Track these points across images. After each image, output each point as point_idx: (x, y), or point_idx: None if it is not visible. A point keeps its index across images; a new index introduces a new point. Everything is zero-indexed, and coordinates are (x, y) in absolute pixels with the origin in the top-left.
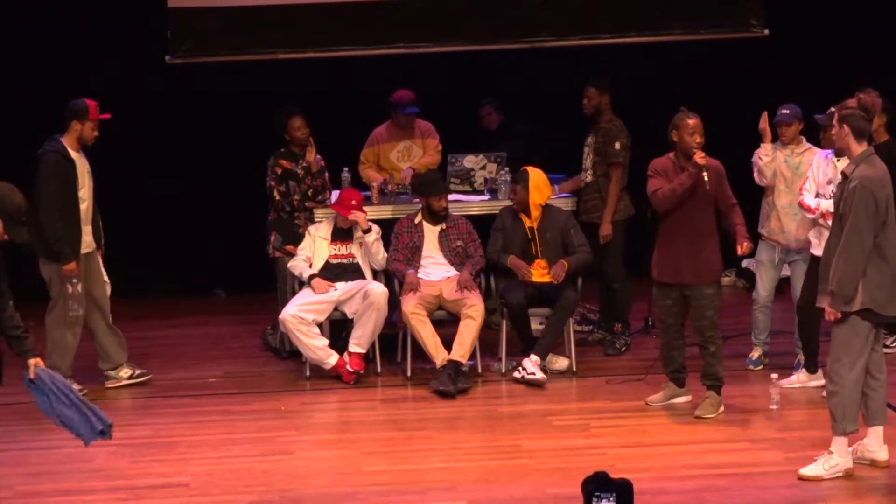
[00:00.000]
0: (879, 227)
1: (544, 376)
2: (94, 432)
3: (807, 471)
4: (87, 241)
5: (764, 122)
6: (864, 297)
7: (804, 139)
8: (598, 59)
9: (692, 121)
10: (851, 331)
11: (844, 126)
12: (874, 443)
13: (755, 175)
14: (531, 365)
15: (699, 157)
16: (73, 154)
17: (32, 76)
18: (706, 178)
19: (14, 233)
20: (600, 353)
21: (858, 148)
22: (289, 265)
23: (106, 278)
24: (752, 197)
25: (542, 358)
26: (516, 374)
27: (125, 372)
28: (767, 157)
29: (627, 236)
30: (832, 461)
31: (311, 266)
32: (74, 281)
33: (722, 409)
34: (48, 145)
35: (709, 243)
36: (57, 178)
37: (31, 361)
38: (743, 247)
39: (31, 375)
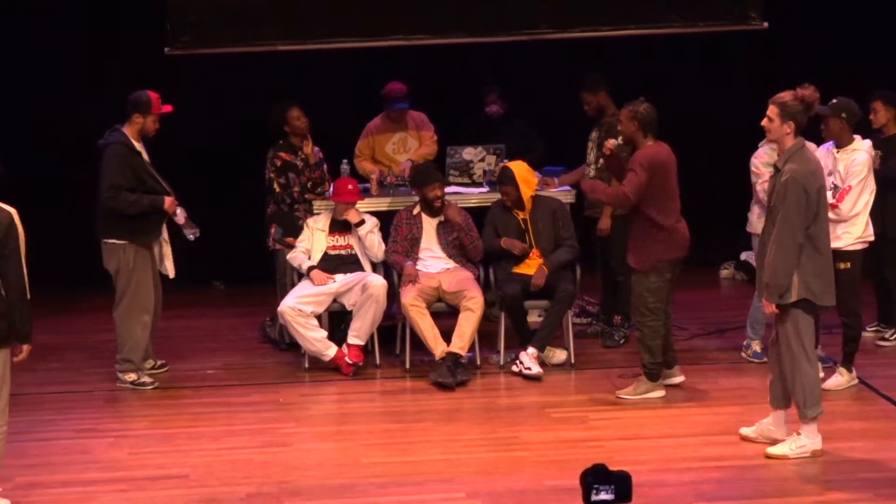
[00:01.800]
0: (811, 220)
1: (541, 370)
2: None
3: (774, 450)
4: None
5: None
6: (801, 287)
7: None
8: (597, 51)
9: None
10: (795, 323)
11: (791, 122)
12: (776, 423)
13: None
14: (528, 359)
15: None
16: (136, 145)
17: (31, 69)
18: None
19: None
20: (599, 345)
21: (792, 142)
22: (287, 257)
23: (165, 236)
24: (746, 193)
25: (540, 350)
26: (514, 368)
27: (148, 363)
28: None
29: None
30: (799, 442)
31: (309, 258)
32: (177, 212)
33: (656, 394)
34: (111, 136)
35: (633, 230)
36: (123, 165)
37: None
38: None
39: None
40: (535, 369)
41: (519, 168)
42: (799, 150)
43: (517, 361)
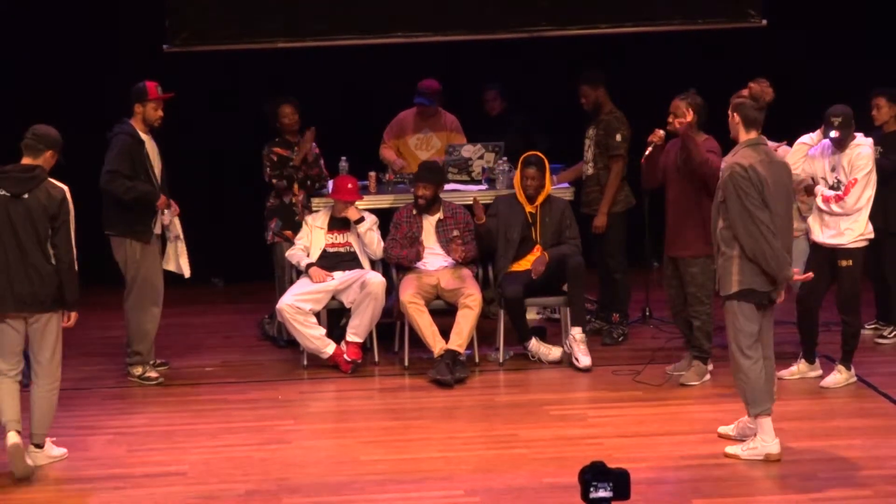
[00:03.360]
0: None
1: (589, 362)
2: None
3: (731, 448)
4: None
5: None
6: (738, 279)
7: None
8: (596, 49)
9: (674, 102)
10: (733, 318)
11: (735, 115)
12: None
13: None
14: (576, 347)
15: (654, 134)
16: (142, 136)
17: (30, 67)
18: (647, 151)
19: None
20: (597, 342)
21: (745, 136)
22: (286, 254)
23: (180, 234)
24: None
25: (583, 327)
26: (576, 357)
27: (137, 370)
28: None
29: (628, 227)
30: (752, 444)
31: (308, 255)
32: (165, 212)
33: (707, 377)
34: (117, 127)
35: (691, 219)
36: (124, 152)
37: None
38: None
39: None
40: (584, 361)
41: (545, 160)
42: (751, 144)
43: (570, 354)
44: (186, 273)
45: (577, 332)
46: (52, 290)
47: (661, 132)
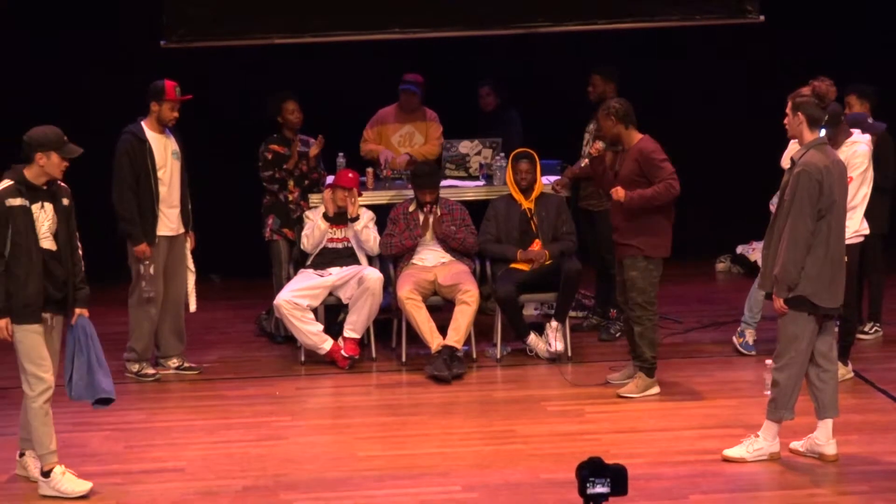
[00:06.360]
0: (821, 215)
1: (560, 349)
2: (91, 396)
3: (731, 452)
4: (172, 227)
5: None
6: (804, 286)
7: None
8: (593, 45)
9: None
10: (791, 320)
11: (799, 114)
12: (822, 437)
13: None
14: (552, 333)
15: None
16: (149, 135)
17: (29, 63)
18: (582, 164)
19: (68, 152)
20: (595, 338)
21: (811, 135)
22: (304, 233)
23: (191, 265)
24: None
25: (563, 322)
26: (538, 347)
27: (174, 362)
28: None
29: None
30: (756, 444)
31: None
32: (147, 263)
33: (655, 390)
34: (127, 127)
35: (629, 220)
36: (125, 157)
37: (77, 310)
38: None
39: (73, 322)
40: (557, 346)
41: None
42: (819, 144)
43: (546, 342)
44: (192, 307)
45: (554, 323)
46: None
47: (600, 144)
